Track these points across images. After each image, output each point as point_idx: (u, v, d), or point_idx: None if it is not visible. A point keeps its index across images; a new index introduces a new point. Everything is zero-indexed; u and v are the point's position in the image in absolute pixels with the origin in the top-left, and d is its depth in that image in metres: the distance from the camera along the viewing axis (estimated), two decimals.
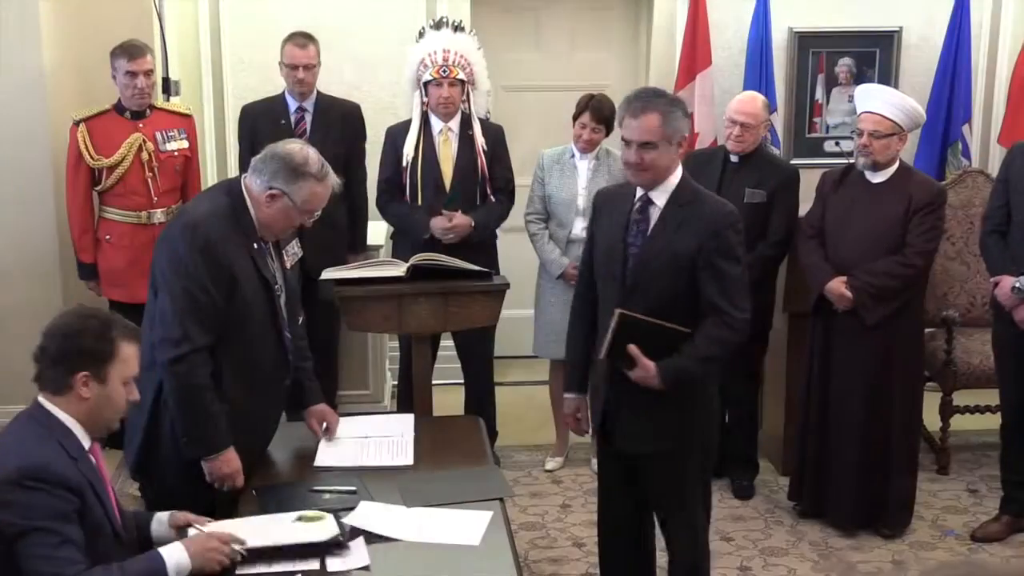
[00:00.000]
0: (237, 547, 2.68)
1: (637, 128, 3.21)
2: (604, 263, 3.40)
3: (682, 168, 3.34)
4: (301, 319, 3.51)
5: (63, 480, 2.54)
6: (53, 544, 2.49)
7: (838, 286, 4.29)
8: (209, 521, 2.84)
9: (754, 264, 4.41)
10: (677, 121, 3.24)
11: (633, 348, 3.21)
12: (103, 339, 2.65)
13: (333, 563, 2.68)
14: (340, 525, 2.81)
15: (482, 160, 4.89)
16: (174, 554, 2.62)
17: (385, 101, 5.82)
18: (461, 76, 4.85)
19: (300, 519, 2.85)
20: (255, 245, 3.15)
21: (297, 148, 3.15)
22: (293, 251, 3.32)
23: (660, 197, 3.30)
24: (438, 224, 4.80)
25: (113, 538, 2.67)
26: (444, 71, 4.82)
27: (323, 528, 2.79)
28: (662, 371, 3.22)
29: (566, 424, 3.47)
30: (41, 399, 2.67)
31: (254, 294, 3.15)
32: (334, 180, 3.20)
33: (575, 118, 4.93)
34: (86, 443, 2.68)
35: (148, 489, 3.36)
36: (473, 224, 4.84)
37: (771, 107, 5.29)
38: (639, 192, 3.34)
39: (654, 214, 3.30)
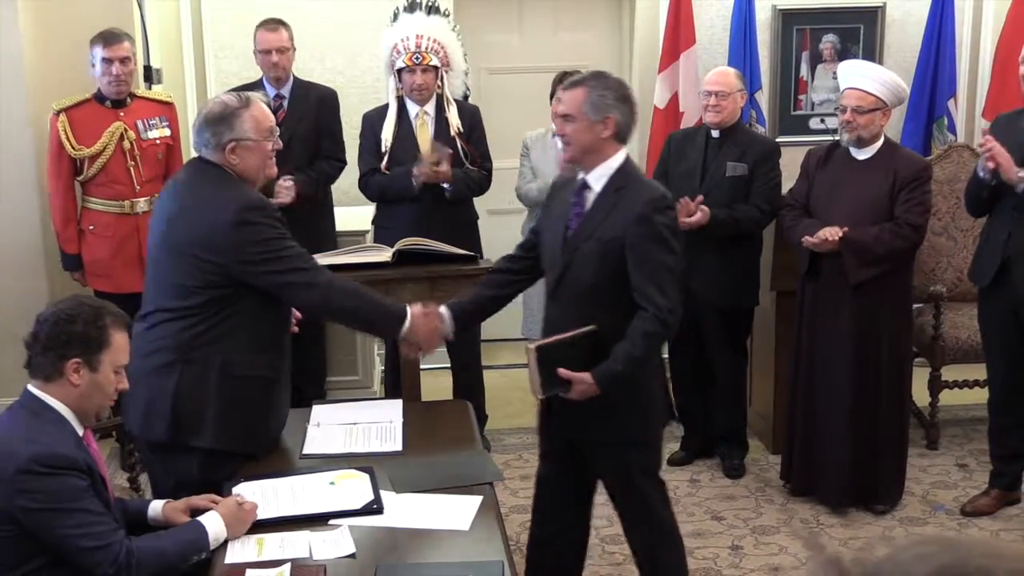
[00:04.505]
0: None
1: (561, 100, 3.22)
2: (548, 252, 3.31)
3: (626, 156, 3.25)
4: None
5: (74, 462, 2.57)
6: (86, 520, 2.54)
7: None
8: (214, 499, 2.90)
9: (740, 219, 4.58)
10: (604, 101, 3.15)
11: (564, 372, 3.13)
12: (95, 326, 2.65)
13: (319, 551, 2.67)
14: (374, 487, 2.93)
15: (459, 142, 4.85)
16: (213, 523, 2.73)
17: (368, 85, 5.80)
18: (434, 62, 4.80)
19: (333, 483, 2.97)
20: None
21: (211, 106, 3.19)
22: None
23: (597, 182, 3.22)
24: (424, 169, 4.70)
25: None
26: (417, 58, 4.77)
27: (357, 494, 2.91)
28: (597, 377, 3.13)
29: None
30: (31, 387, 2.66)
31: None
32: (258, 95, 3.25)
33: (551, 97, 4.91)
34: (79, 430, 2.68)
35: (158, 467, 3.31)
36: (451, 179, 4.75)
37: (748, 82, 5.29)
38: (580, 176, 3.27)
39: (589, 199, 3.22)
